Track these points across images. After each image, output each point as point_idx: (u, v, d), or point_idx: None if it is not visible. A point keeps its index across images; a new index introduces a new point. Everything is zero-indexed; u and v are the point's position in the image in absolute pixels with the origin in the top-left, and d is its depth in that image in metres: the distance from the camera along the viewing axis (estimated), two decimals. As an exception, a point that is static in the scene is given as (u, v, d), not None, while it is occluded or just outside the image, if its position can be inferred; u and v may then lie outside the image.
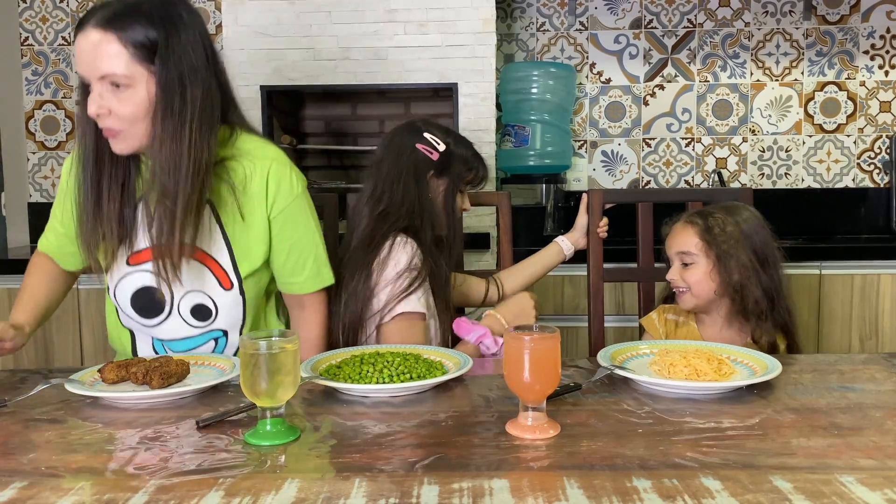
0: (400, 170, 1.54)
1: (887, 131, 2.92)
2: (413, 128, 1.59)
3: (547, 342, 0.96)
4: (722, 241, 1.47)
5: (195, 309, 1.34)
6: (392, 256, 1.47)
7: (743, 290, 1.46)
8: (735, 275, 1.45)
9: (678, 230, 1.55)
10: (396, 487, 0.80)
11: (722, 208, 1.54)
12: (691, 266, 1.50)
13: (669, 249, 1.56)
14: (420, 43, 2.43)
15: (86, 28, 1.17)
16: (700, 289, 1.49)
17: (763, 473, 0.82)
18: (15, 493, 0.81)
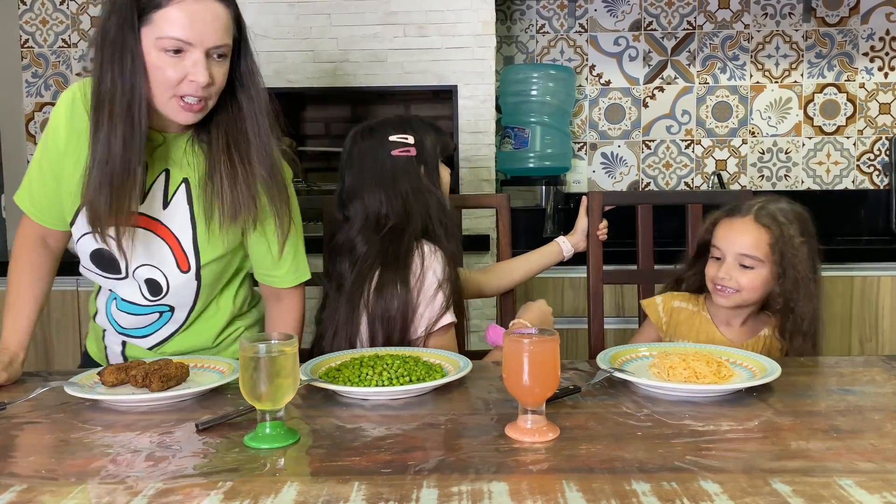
0: (389, 183, 1.46)
1: (887, 133, 2.92)
2: (373, 137, 1.50)
3: (546, 345, 0.97)
4: (791, 253, 1.39)
5: (148, 281, 1.32)
6: (426, 272, 1.42)
7: (795, 306, 1.39)
8: (791, 289, 1.39)
9: (746, 228, 1.43)
10: (395, 491, 0.80)
11: (788, 211, 1.44)
12: (750, 270, 1.41)
13: (727, 245, 1.44)
14: (420, 45, 2.43)
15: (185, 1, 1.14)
16: (752, 294, 1.43)
17: (762, 476, 0.82)
18: (14, 496, 0.81)
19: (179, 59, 1.15)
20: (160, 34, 1.14)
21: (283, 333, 0.99)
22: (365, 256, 1.45)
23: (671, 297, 1.55)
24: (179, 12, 1.13)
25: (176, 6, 1.13)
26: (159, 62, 1.15)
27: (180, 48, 1.15)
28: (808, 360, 1.34)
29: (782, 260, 1.39)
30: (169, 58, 1.15)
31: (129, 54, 1.14)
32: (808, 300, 1.39)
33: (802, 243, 1.40)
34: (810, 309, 1.39)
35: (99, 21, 1.18)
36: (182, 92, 1.17)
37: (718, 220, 1.49)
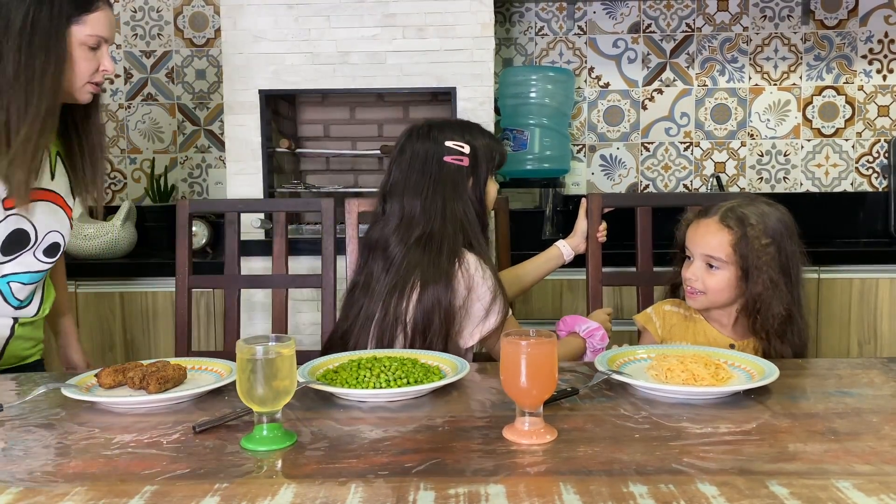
0: (432, 188, 1.46)
1: (885, 135, 2.93)
2: (429, 138, 1.50)
3: (544, 347, 0.96)
4: (755, 255, 1.38)
5: (50, 247, 1.46)
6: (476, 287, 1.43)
7: (762, 307, 1.38)
8: (758, 290, 1.38)
9: (710, 229, 1.43)
10: (393, 493, 0.80)
11: (755, 211, 1.42)
12: (715, 271, 1.41)
13: (694, 246, 1.45)
14: (418, 47, 2.43)
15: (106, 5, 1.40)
16: (718, 296, 1.43)
17: (760, 479, 0.82)
18: (11, 498, 0.80)
19: (95, 53, 1.39)
20: (90, 32, 1.37)
21: (280, 336, 0.99)
22: (404, 266, 1.43)
23: (661, 305, 1.56)
24: (104, 16, 1.39)
25: (102, 11, 1.38)
26: (81, 54, 1.37)
27: (98, 45, 1.39)
28: (806, 363, 1.34)
29: (744, 261, 1.38)
30: (88, 51, 1.38)
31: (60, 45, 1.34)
32: (778, 302, 1.37)
33: (768, 244, 1.38)
34: (780, 310, 1.37)
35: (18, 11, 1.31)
36: (97, 79, 1.41)
37: (689, 222, 1.49)
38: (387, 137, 2.87)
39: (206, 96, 2.95)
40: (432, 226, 1.44)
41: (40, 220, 1.43)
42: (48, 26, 1.31)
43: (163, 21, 2.92)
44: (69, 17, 1.34)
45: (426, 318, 1.41)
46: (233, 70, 2.43)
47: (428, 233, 1.44)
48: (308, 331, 2.39)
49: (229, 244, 1.81)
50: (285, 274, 1.79)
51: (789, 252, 1.41)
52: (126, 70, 2.94)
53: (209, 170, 2.97)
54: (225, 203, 2.02)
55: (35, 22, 1.30)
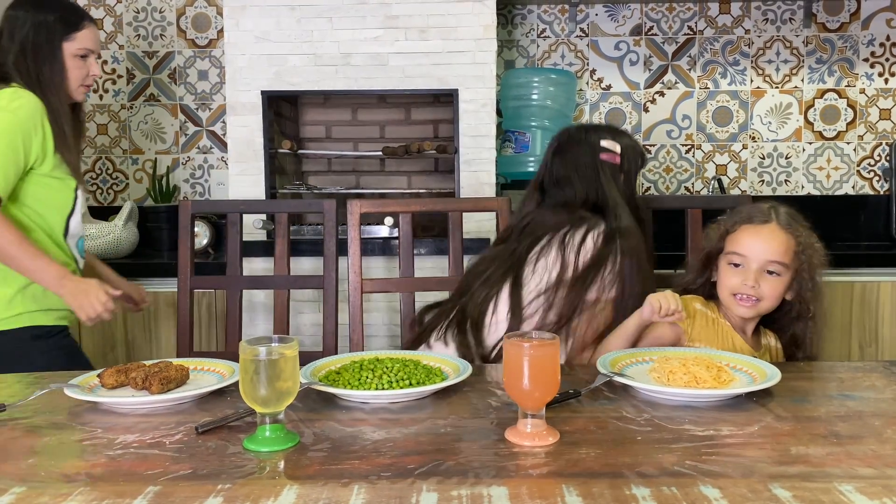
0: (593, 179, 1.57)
1: (887, 139, 2.93)
2: (587, 138, 1.61)
3: (546, 349, 0.97)
4: (816, 259, 1.38)
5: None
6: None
7: (807, 312, 1.38)
8: (806, 295, 1.38)
9: (775, 235, 1.39)
10: (395, 494, 0.80)
11: (799, 217, 1.44)
12: (776, 277, 1.38)
13: (754, 252, 1.40)
14: (421, 49, 2.43)
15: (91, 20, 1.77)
16: (772, 303, 1.40)
17: (762, 482, 0.82)
18: (13, 498, 0.81)
19: (84, 61, 1.74)
20: (79, 46, 1.73)
21: (283, 337, 1.00)
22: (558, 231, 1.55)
23: (692, 300, 1.50)
24: (90, 32, 1.75)
25: (88, 29, 1.74)
26: (74, 64, 1.73)
27: (87, 55, 1.74)
28: (808, 366, 1.34)
29: (801, 269, 1.38)
30: (79, 61, 1.73)
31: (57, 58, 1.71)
32: (819, 304, 1.39)
33: (816, 250, 1.40)
34: (821, 313, 1.40)
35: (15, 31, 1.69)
36: (87, 83, 1.77)
37: (735, 228, 1.45)
38: (388, 139, 2.87)
39: (209, 97, 2.95)
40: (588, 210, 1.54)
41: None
42: (46, 45, 1.69)
43: (165, 22, 2.93)
44: (61, 37, 1.70)
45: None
46: (235, 71, 2.44)
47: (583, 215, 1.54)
48: (309, 332, 2.39)
49: (231, 245, 1.81)
50: (287, 275, 1.79)
51: (823, 260, 1.44)
52: (129, 70, 2.95)
53: (211, 170, 2.98)
54: (227, 204, 2.02)
55: (35, 43, 1.69)
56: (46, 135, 1.65)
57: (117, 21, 2.93)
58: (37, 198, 1.68)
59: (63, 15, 1.71)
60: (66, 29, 1.70)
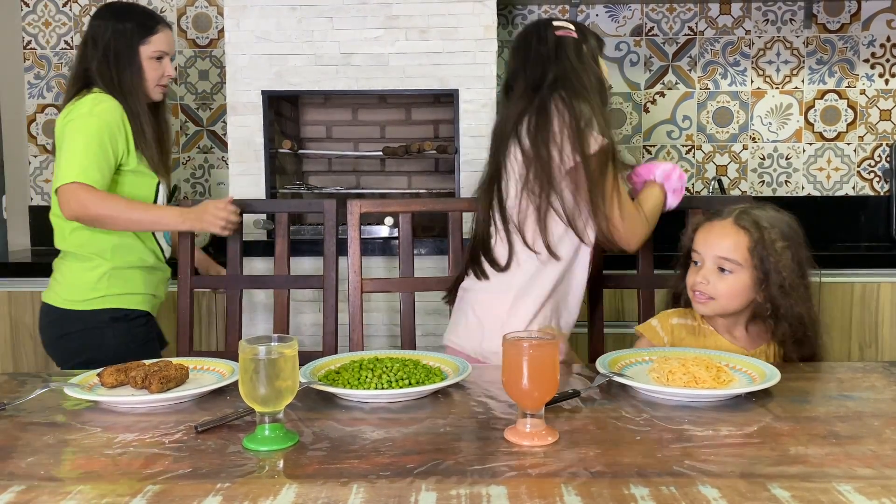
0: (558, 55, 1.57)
1: (887, 139, 2.93)
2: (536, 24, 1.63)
3: (545, 349, 0.97)
4: (774, 257, 1.34)
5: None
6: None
7: (782, 311, 1.34)
8: (776, 293, 1.34)
9: (725, 231, 1.38)
10: (394, 493, 0.80)
11: (767, 216, 1.39)
12: (729, 275, 1.36)
13: (706, 248, 1.39)
14: (421, 49, 2.43)
15: (166, 24, 1.92)
16: (728, 302, 1.38)
17: (761, 482, 0.82)
18: (13, 496, 0.81)
19: (160, 62, 1.89)
20: (155, 48, 1.87)
21: (283, 336, 1.00)
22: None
23: (666, 317, 1.50)
24: (164, 35, 1.89)
25: (162, 32, 1.89)
26: (150, 65, 1.87)
27: (161, 57, 1.89)
28: (808, 366, 1.34)
29: (762, 264, 1.35)
30: (155, 62, 1.88)
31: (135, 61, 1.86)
32: (798, 304, 1.35)
33: (785, 248, 1.35)
34: (804, 313, 1.35)
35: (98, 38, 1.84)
36: (163, 82, 1.91)
37: (699, 225, 1.45)
38: (389, 139, 2.87)
39: (209, 97, 2.95)
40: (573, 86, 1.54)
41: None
42: (125, 50, 1.84)
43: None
44: (138, 41, 1.85)
45: None
46: (236, 71, 2.44)
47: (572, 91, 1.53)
48: (309, 331, 2.39)
49: (231, 244, 1.81)
50: (287, 274, 1.79)
51: (802, 257, 1.38)
52: (129, 70, 2.94)
53: (212, 170, 2.98)
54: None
55: (116, 49, 1.83)
56: (128, 134, 1.80)
57: (118, 21, 2.93)
58: (123, 193, 1.81)
59: (140, 21, 1.86)
60: (142, 33, 1.85)
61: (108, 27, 1.84)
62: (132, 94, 1.82)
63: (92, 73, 1.82)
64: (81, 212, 1.70)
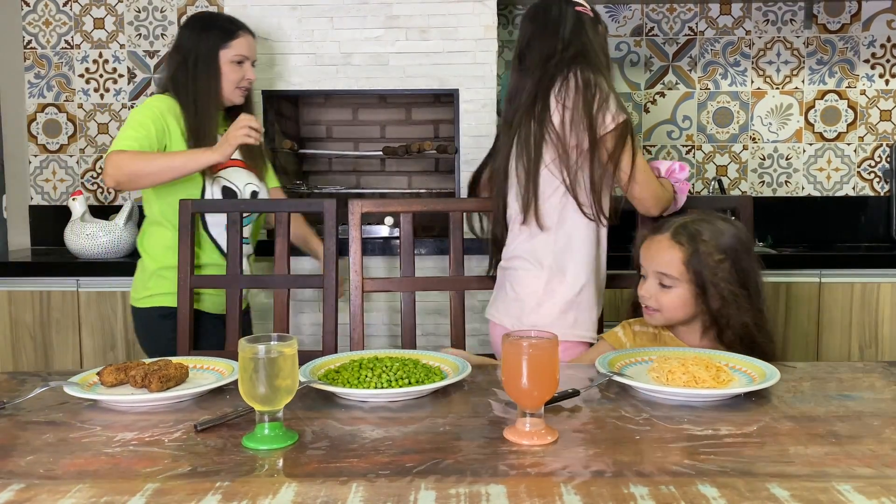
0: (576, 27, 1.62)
1: (888, 140, 2.93)
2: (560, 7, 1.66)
3: (545, 348, 0.97)
4: (708, 270, 1.35)
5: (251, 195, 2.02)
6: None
7: (725, 321, 1.36)
8: (717, 305, 1.36)
9: (662, 246, 1.41)
10: (393, 492, 0.80)
11: (709, 227, 1.40)
12: (669, 289, 1.39)
13: (647, 263, 1.43)
14: (421, 49, 2.43)
15: (248, 30, 2.01)
16: (673, 313, 1.40)
17: (760, 481, 0.82)
18: (12, 495, 0.81)
19: (240, 67, 1.97)
20: (235, 53, 1.96)
21: (282, 335, 1.00)
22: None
23: (629, 325, 1.51)
24: (244, 40, 1.98)
25: (242, 37, 1.98)
26: (229, 69, 1.96)
27: (242, 61, 1.97)
28: (807, 366, 1.34)
29: (698, 278, 1.36)
30: (235, 66, 1.97)
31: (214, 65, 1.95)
32: (740, 315, 1.35)
33: (722, 260, 1.36)
34: (744, 322, 1.36)
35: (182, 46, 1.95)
36: (243, 85, 1.99)
37: (643, 240, 1.47)
38: (389, 139, 2.87)
39: (209, 97, 2.95)
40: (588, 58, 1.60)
41: (236, 179, 1.97)
42: (206, 53, 1.93)
43: (166, 21, 2.93)
44: (218, 45, 1.94)
45: None
46: (236, 70, 2.43)
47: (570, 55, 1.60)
48: (309, 331, 2.39)
49: (231, 244, 1.81)
50: (287, 274, 1.79)
51: (746, 266, 1.38)
52: (129, 70, 2.95)
53: (211, 170, 2.98)
54: (227, 203, 2.02)
55: (196, 53, 1.92)
56: (171, 133, 1.88)
57: (118, 20, 2.93)
58: (172, 189, 1.89)
59: (222, 27, 1.97)
60: (223, 38, 1.94)
61: (192, 35, 1.95)
62: (205, 96, 1.91)
63: (170, 79, 1.94)
64: (117, 173, 1.78)
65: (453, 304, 1.76)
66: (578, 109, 1.54)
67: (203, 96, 1.92)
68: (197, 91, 1.92)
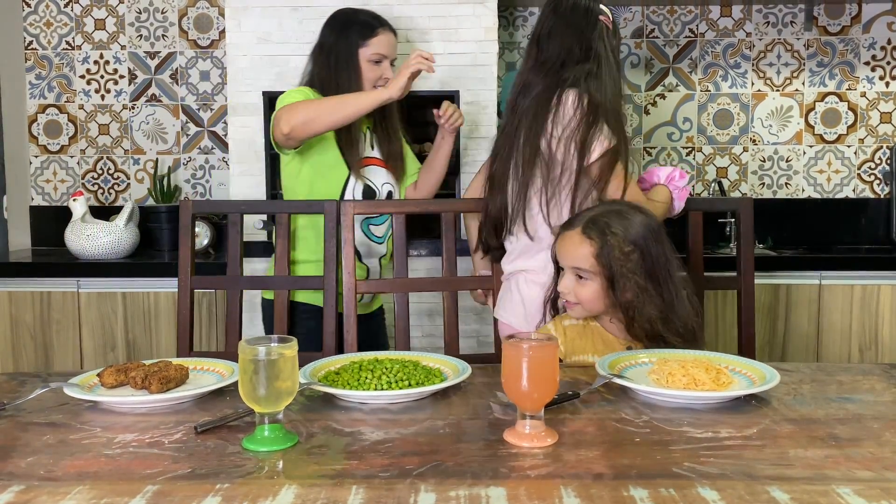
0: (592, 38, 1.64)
1: (888, 142, 2.93)
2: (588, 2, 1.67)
3: (545, 350, 0.97)
4: (618, 263, 1.37)
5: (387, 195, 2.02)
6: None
7: (635, 312, 1.38)
8: (628, 297, 1.37)
9: (573, 241, 1.43)
10: (393, 494, 0.80)
11: (618, 219, 1.42)
12: (585, 282, 1.42)
13: (562, 258, 1.46)
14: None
15: (388, 28, 1.97)
16: (592, 306, 1.42)
17: (760, 484, 0.82)
18: (12, 496, 0.81)
19: (378, 66, 1.94)
20: (373, 51, 1.93)
21: (282, 337, 1.00)
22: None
23: (559, 320, 1.53)
24: (383, 38, 1.94)
25: (381, 35, 1.94)
26: (368, 68, 1.93)
27: (380, 60, 1.93)
28: (808, 367, 1.34)
29: (609, 270, 1.38)
30: (373, 65, 1.93)
31: (353, 63, 1.93)
32: (650, 306, 1.37)
33: (631, 252, 1.38)
34: (653, 314, 1.37)
35: (324, 43, 1.96)
36: (381, 84, 1.91)
37: (558, 235, 1.49)
38: (389, 140, 2.87)
39: (210, 98, 2.95)
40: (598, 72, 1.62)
41: (375, 178, 1.97)
42: (345, 51, 1.92)
43: (167, 22, 2.93)
44: (357, 43, 1.92)
45: None
46: (237, 72, 2.44)
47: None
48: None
49: (232, 245, 1.81)
50: (287, 275, 1.79)
51: (655, 256, 1.40)
52: (130, 71, 2.95)
53: (212, 171, 2.98)
54: (228, 204, 2.02)
55: (337, 51, 1.93)
56: None
57: (119, 21, 2.93)
58: (313, 182, 1.92)
59: (362, 24, 1.94)
60: (362, 36, 1.93)
61: (332, 33, 1.94)
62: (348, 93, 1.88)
63: (314, 76, 1.95)
64: (292, 117, 1.78)
65: (446, 304, 1.77)
66: (573, 132, 1.55)
67: (342, 92, 1.88)
68: (338, 90, 1.89)
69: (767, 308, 2.44)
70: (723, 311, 2.43)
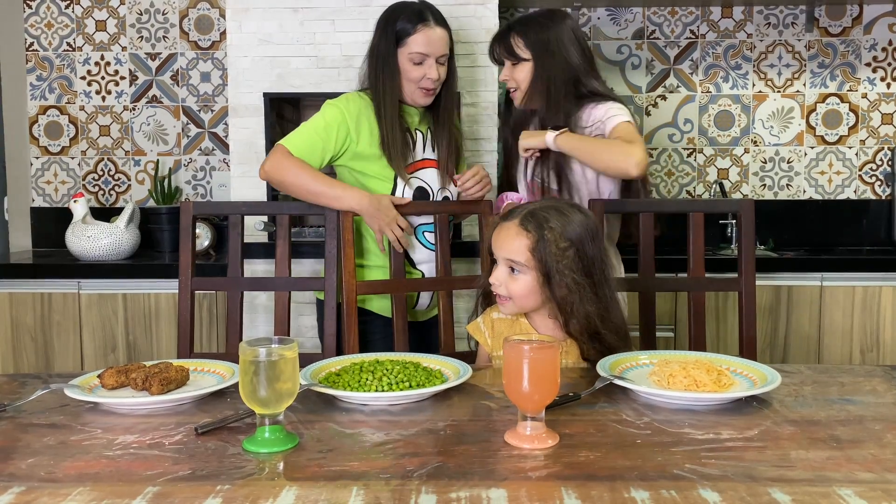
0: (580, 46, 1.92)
1: (889, 143, 2.93)
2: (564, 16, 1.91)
3: (546, 352, 0.97)
4: (553, 258, 1.34)
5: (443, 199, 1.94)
6: None
7: (570, 309, 1.36)
8: (563, 293, 1.35)
9: (510, 233, 1.40)
10: (394, 496, 0.80)
11: (558, 215, 1.39)
12: (518, 275, 1.38)
13: (497, 250, 1.42)
14: (423, 52, 2.43)
15: (432, 24, 1.84)
16: (524, 301, 1.40)
17: (762, 485, 0.82)
18: (13, 497, 0.81)
19: (420, 66, 1.82)
20: (413, 50, 1.81)
21: (283, 338, 1.00)
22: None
23: (489, 312, 1.51)
24: (423, 36, 1.81)
25: (420, 33, 1.81)
26: (408, 67, 1.82)
27: (422, 60, 1.82)
28: (808, 369, 1.34)
29: (544, 265, 1.35)
30: (414, 65, 1.82)
31: (392, 62, 1.83)
32: (584, 304, 1.35)
33: (566, 248, 1.35)
34: (589, 311, 1.35)
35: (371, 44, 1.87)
36: (425, 85, 1.84)
37: (494, 226, 1.46)
38: (390, 141, 2.87)
39: (211, 99, 2.95)
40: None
41: (431, 180, 1.89)
42: (385, 52, 1.82)
43: (168, 24, 2.93)
44: (396, 43, 1.82)
45: None
46: (237, 73, 2.44)
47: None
48: (310, 334, 2.39)
49: (232, 246, 1.81)
50: (288, 277, 1.79)
51: (591, 255, 1.38)
52: (131, 72, 2.95)
53: (213, 172, 2.98)
54: (228, 205, 2.02)
55: (378, 52, 1.84)
56: (361, 133, 1.82)
57: (120, 22, 2.93)
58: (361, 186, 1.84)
59: (403, 21, 1.83)
60: (400, 35, 1.82)
61: (377, 31, 1.86)
62: (388, 95, 1.82)
63: (364, 76, 1.89)
64: (271, 169, 1.77)
65: (442, 304, 1.77)
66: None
67: (385, 98, 1.82)
68: (382, 92, 1.82)
69: (768, 309, 2.44)
70: (724, 313, 2.42)
